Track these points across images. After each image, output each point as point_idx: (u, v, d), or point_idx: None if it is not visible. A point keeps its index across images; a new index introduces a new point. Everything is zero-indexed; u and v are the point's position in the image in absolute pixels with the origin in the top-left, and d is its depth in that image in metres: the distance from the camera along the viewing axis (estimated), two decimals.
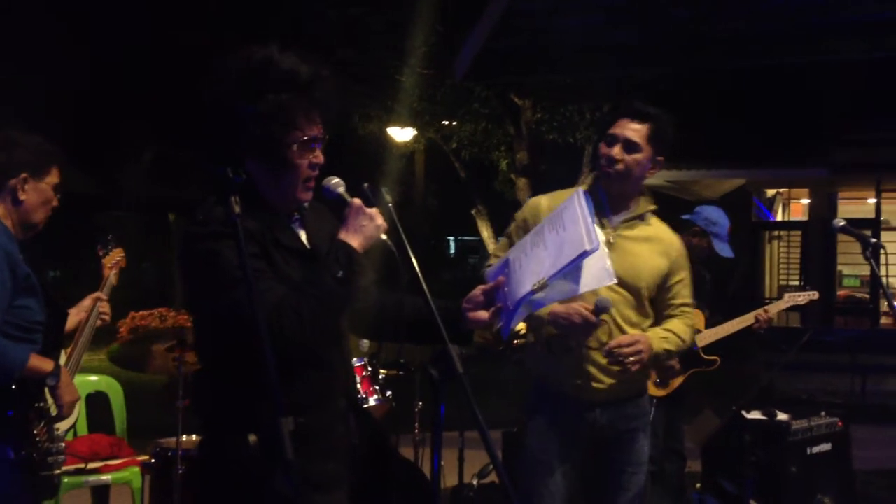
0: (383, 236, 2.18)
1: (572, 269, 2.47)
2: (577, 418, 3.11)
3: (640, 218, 3.18)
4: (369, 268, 2.30)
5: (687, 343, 3.24)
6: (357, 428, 2.31)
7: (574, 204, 2.59)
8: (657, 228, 3.23)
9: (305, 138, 2.15)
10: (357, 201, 2.19)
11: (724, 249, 4.85)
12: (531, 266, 2.52)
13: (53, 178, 2.94)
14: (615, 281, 2.65)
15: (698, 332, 4.83)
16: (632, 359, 2.97)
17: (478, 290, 2.44)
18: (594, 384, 3.10)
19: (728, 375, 5.20)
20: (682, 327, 3.22)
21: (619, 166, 3.06)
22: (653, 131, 3.08)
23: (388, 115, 14.51)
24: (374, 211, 2.17)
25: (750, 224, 16.53)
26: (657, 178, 16.10)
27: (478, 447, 5.12)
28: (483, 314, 2.40)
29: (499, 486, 5.21)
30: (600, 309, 2.87)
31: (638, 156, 3.07)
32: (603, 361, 3.06)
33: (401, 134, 15.11)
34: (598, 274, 2.52)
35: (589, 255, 2.44)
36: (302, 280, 2.08)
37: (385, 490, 4.00)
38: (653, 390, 4.75)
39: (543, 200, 3.20)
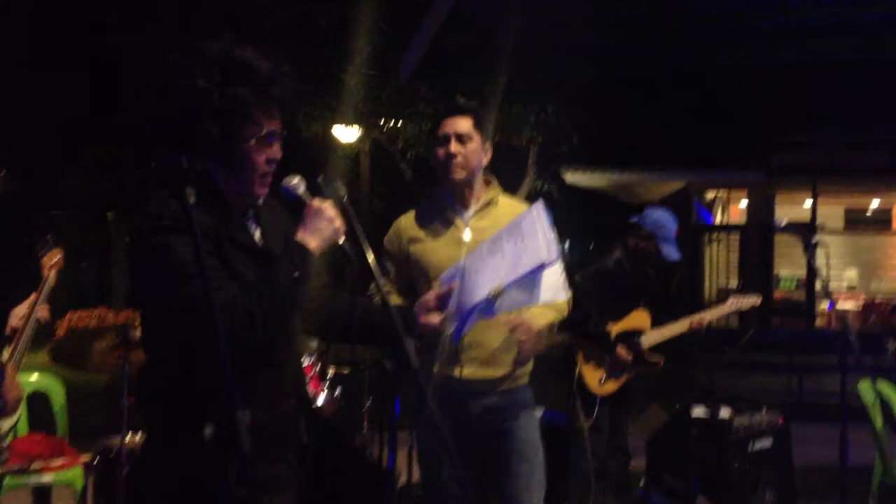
0: (341, 240, 2.17)
1: (529, 280, 2.50)
2: (453, 408, 3.14)
3: (490, 204, 3.34)
4: (323, 269, 2.29)
5: (565, 312, 3.33)
6: (307, 428, 2.29)
7: (533, 215, 2.63)
8: (509, 208, 3.36)
9: (263, 133, 2.12)
10: (317, 202, 2.17)
11: (671, 252, 4.92)
12: (487, 273, 2.55)
13: None
14: (568, 296, 2.70)
15: (642, 333, 4.90)
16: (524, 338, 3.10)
17: (431, 295, 2.47)
18: (463, 374, 3.19)
19: (671, 375, 5.28)
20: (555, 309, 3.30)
21: (459, 159, 3.25)
22: (477, 120, 3.29)
23: (332, 115, 14.42)
24: (333, 213, 2.16)
25: (690, 226, 16.82)
26: (601, 181, 16.40)
27: None
28: (435, 318, 2.43)
29: None
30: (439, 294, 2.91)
31: (471, 145, 3.27)
32: (471, 353, 3.17)
33: (346, 134, 15.02)
34: (553, 288, 2.56)
35: (547, 267, 2.48)
36: (256, 279, 2.06)
37: (338, 489, 3.97)
38: (597, 388, 4.81)
39: (402, 221, 3.42)
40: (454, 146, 3.26)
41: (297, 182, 2.22)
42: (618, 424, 4.95)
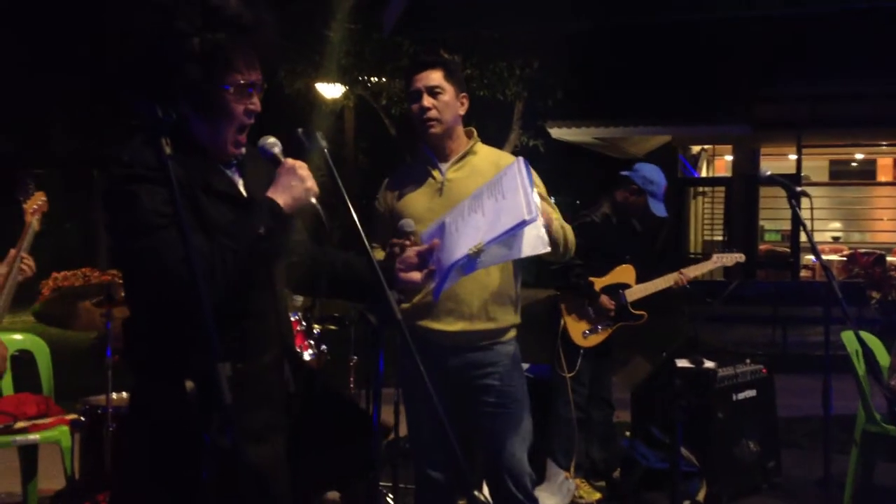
0: (313, 200, 2.15)
1: (509, 237, 2.49)
2: (432, 362, 3.14)
3: (468, 154, 3.33)
4: (298, 225, 2.26)
5: (570, 240, 3.30)
6: (293, 376, 2.28)
7: (514, 171, 2.61)
8: (487, 156, 3.36)
9: (243, 82, 2.09)
10: (290, 161, 2.14)
11: (658, 209, 4.93)
12: (468, 231, 2.54)
13: None
14: (549, 249, 2.68)
15: (629, 286, 4.92)
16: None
17: (412, 252, 2.46)
18: (444, 327, 3.21)
19: (655, 328, 5.31)
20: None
21: (433, 113, 3.24)
22: (447, 72, 3.27)
23: (315, 71, 14.28)
24: (306, 173, 2.13)
25: (675, 181, 16.84)
26: (586, 136, 16.36)
27: None
28: (416, 275, 2.43)
29: None
30: (404, 233, 2.90)
31: (444, 97, 3.25)
32: (449, 305, 3.17)
33: (330, 90, 14.90)
34: (533, 242, 2.55)
35: (528, 224, 2.47)
36: (223, 232, 2.04)
37: (325, 436, 3.98)
38: (580, 341, 4.84)
39: (387, 181, 3.42)
40: (427, 100, 3.23)
41: (272, 141, 2.19)
42: (601, 376, 4.99)
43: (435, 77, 3.24)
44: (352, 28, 13.29)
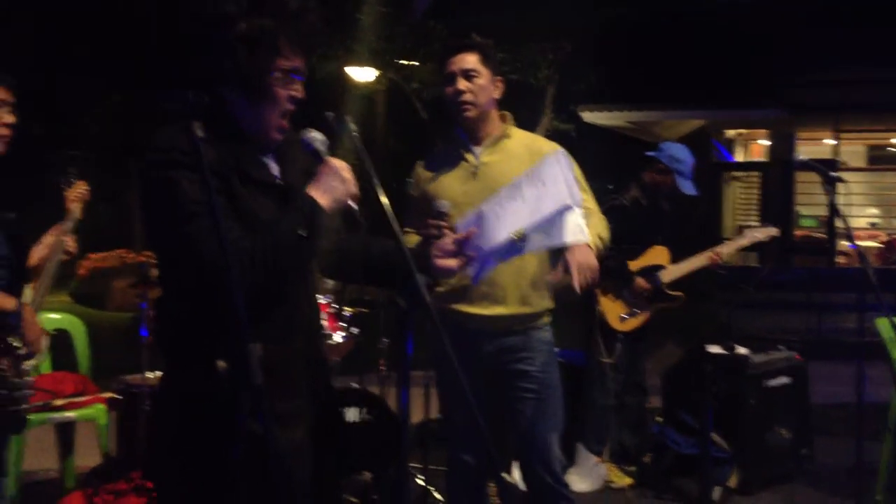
0: (352, 203, 2.15)
1: (550, 223, 2.50)
2: (465, 347, 3.15)
3: (502, 138, 3.32)
4: (335, 214, 2.27)
5: (605, 233, 3.28)
6: (316, 366, 2.30)
7: (553, 161, 2.60)
8: (521, 140, 3.34)
9: (287, 68, 2.10)
10: (334, 162, 2.15)
11: (687, 187, 4.89)
12: (507, 218, 2.54)
13: None
14: (588, 239, 2.68)
15: (663, 268, 4.89)
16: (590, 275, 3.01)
17: (448, 239, 2.45)
18: (478, 311, 3.21)
19: (689, 313, 5.28)
20: (595, 222, 3.25)
21: (468, 96, 3.22)
22: (483, 55, 3.25)
23: (347, 54, 14.28)
24: (349, 175, 2.14)
25: (709, 165, 16.68)
26: (618, 120, 16.24)
27: None
28: (452, 262, 2.41)
29: None
30: (438, 213, 2.90)
31: (479, 80, 3.23)
32: (482, 289, 3.17)
33: (361, 74, 14.89)
34: (574, 230, 2.55)
35: (569, 209, 2.47)
36: (263, 224, 2.05)
37: (344, 427, 4.03)
38: (618, 326, 4.82)
39: (418, 165, 3.43)
40: (462, 83, 3.21)
41: (315, 136, 2.19)
42: (635, 361, 4.97)
43: (470, 60, 3.22)
44: (384, 11, 13.26)
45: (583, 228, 2.59)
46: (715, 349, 4.87)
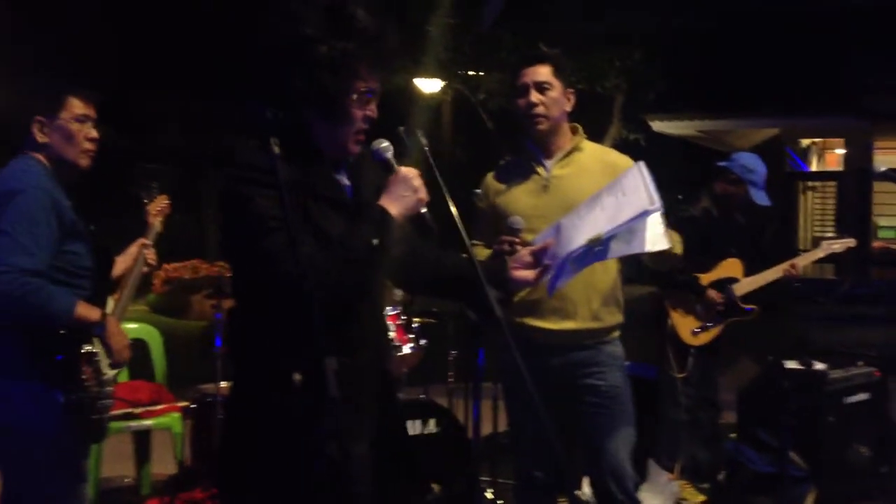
0: (423, 209, 2.17)
1: (630, 230, 2.47)
2: (534, 361, 3.10)
3: (574, 151, 3.27)
4: (406, 225, 2.28)
5: (678, 253, 3.28)
6: (383, 380, 2.31)
7: (635, 172, 2.60)
8: (593, 153, 3.30)
9: (364, 89, 2.14)
10: (404, 170, 2.17)
11: (760, 197, 4.79)
12: (585, 226, 2.52)
13: (71, 111, 2.91)
14: (669, 246, 2.65)
15: (737, 280, 4.80)
16: None
17: (525, 251, 2.46)
18: (549, 325, 3.17)
19: (763, 327, 5.16)
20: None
21: (540, 109, 3.19)
22: (556, 67, 3.22)
23: (414, 66, 14.37)
24: (419, 183, 2.16)
25: (783, 175, 16.32)
26: (689, 129, 16.01)
27: None
28: (529, 273, 2.41)
29: None
30: (512, 230, 2.87)
31: (552, 93, 3.21)
32: (552, 303, 3.14)
33: (428, 85, 14.97)
34: (654, 238, 2.52)
35: (650, 214, 2.45)
36: (336, 239, 2.07)
37: (409, 444, 4.02)
38: (690, 340, 4.74)
39: (488, 177, 3.40)
40: (534, 95, 3.19)
41: (386, 146, 2.22)
42: (708, 376, 4.88)
43: (543, 72, 3.21)
44: (451, 22, 13.31)
45: (663, 236, 2.56)
46: (792, 365, 4.75)
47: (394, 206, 2.12)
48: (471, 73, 14.79)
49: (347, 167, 2.25)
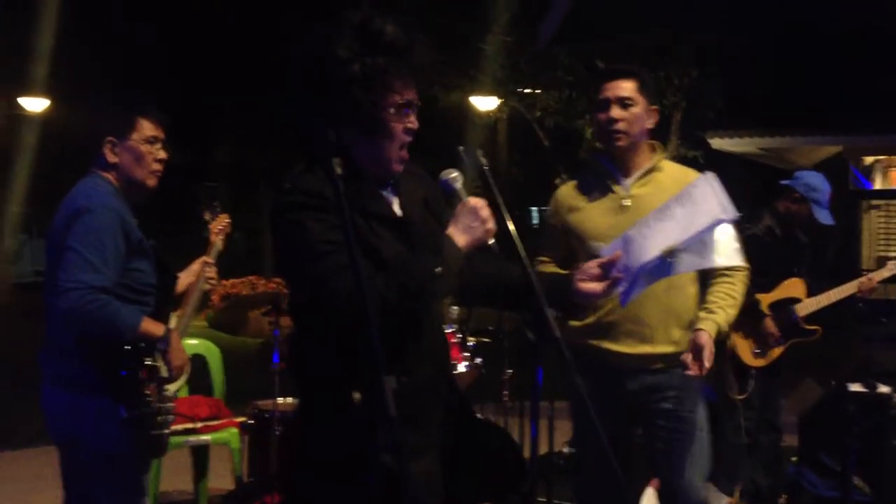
0: (491, 240, 2.17)
1: (703, 242, 2.45)
2: (608, 384, 3.08)
3: (653, 170, 3.19)
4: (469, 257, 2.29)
5: (738, 299, 3.22)
6: (448, 395, 2.31)
7: (704, 182, 2.57)
8: (672, 173, 3.21)
9: (401, 102, 2.15)
10: (472, 201, 2.17)
11: (824, 216, 4.73)
12: (656, 237, 2.50)
13: (142, 132, 2.97)
14: (743, 262, 2.60)
15: (799, 300, 4.71)
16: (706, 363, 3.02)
17: (593, 263, 2.43)
18: (625, 349, 3.10)
19: (826, 348, 5.05)
20: (728, 290, 3.19)
21: (621, 125, 3.11)
22: (640, 84, 3.15)
23: (470, 84, 14.43)
24: (487, 214, 2.16)
25: (847, 193, 15.99)
26: (750, 146, 15.78)
27: (568, 417, 5.10)
28: (597, 286, 2.38)
29: None
30: (591, 256, 2.83)
31: (635, 109, 3.13)
32: (629, 326, 3.08)
33: (483, 103, 15.01)
34: (728, 252, 2.49)
35: (724, 222, 2.43)
36: (396, 263, 2.09)
37: (474, 456, 4.01)
38: (751, 361, 4.65)
39: (561, 190, 3.33)
40: (616, 111, 3.11)
41: (455, 176, 2.22)
42: (770, 399, 4.78)
43: (627, 87, 3.13)
44: (507, 40, 13.34)
45: (737, 250, 2.51)
46: (856, 387, 4.64)
47: (461, 236, 2.13)
48: (527, 90, 14.79)
49: (394, 184, 2.26)
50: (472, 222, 2.14)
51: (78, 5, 14.00)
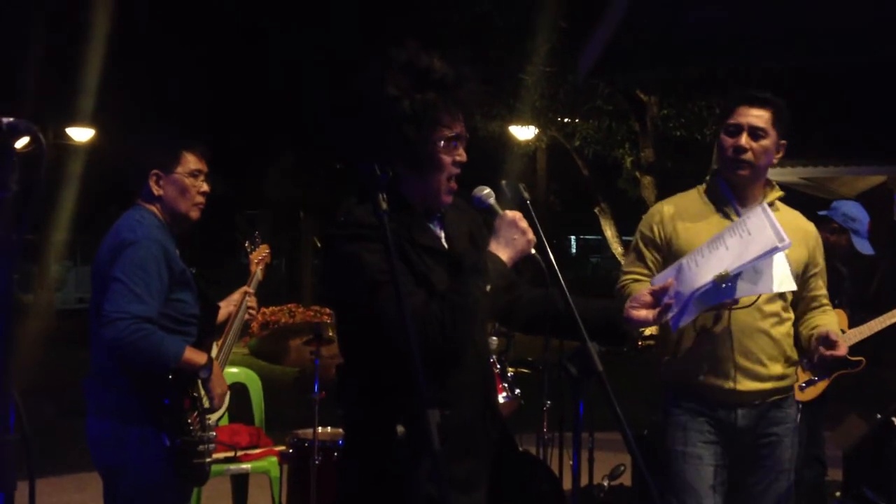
0: (532, 250, 2.19)
1: (756, 270, 2.45)
2: (717, 418, 3.02)
3: (770, 207, 3.06)
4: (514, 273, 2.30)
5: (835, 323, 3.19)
6: (493, 427, 2.31)
7: (759, 212, 2.58)
8: (789, 217, 3.13)
9: (450, 135, 2.18)
10: (509, 214, 2.20)
11: (863, 246, 4.67)
12: (710, 265, 2.50)
13: (186, 166, 3.04)
14: (794, 288, 2.57)
15: (843, 332, 4.64)
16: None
17: (645, 291, 2.43)
18: (735, 385, 3.00)
19: (872, 379, 4.96)
20: (832, 321, 3.15)
21: (748, 155, 2.98)
22: (775, 115, 3.03)
23: (510, 113, 14.49)
24: (525, 225, 2.18)
25: (890, 223, 15.75)
26: (791, 175, 15.60)
27: (607, 448, 5.05)
28: (647, 313, 2.37)
29: (629, 488, 5.13)
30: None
31: (765, 142, 3.00)
32: (745, 363, 2.98)
33: (523, 132, 15.06)
34: (782, 278, 2.47)
35: (779, 251, 2.43)
36: (448, 288, 2.11)
37: (521, 490, 3.99)
38: (798, 395, 4.57)
39: (665, 207, 3.16)
40: (745, 139, 2.97)
41: (487, 192, 2.25)
42: (815, 432, 4.70)
43: (763, 117, 3.00)
44: (547, 71, 13.40)
45: (789, 277, 2.49)
46: None
47: (504, 250, 2.15)
48: (566, 119, 14.82)
49: (440, 217, 2.29)
50: (512, 235, 2.17)
51: (127, 37, 14.33)
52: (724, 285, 2.43)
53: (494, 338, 4.59)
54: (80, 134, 16.30)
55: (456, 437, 2.08)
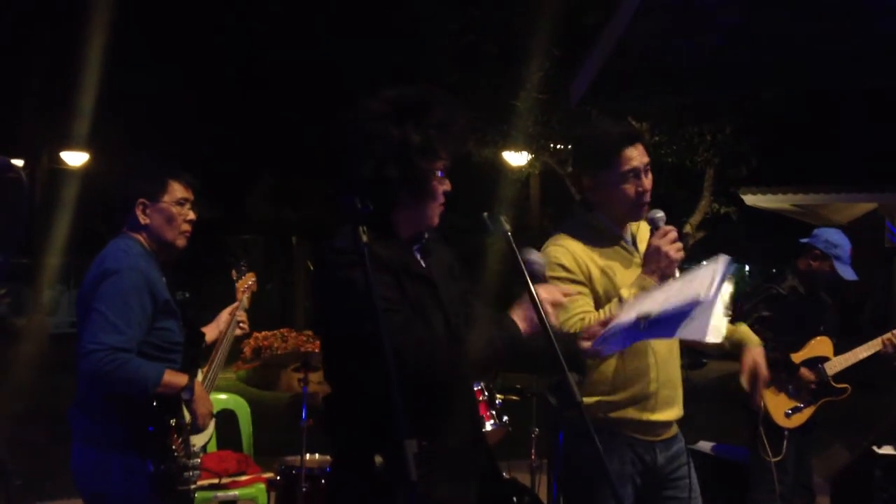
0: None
1: (692, 318, 2.45)
2: (642, 458, 2.92)
3: (637, 230, 3.10)
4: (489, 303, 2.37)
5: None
6: (479, 454, 2.34)
7: (718, 262, 2.54)
8: (647, 234, 3.04)
9: (442, 168, 2.30)
10: (544, 293, 2.24)
11: (846, 272, 4.68)
12: (645, 302, 2.53)
13: (173, 194, 3.08)
14: (718, 340, 2.55)
15: (827, 359, 4.67)
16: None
17: (596, 324, 2.53)
18: (656, 417, 2.93)
19: (858, 406, 4.98)
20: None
21: (647, 197, 2.92)
22: (643, 144, 2.99)
23: (503, 139, 14.57)
24: (557, 302, 2.29)
25: (882, 250, 15.83)
26: (782, 203, 15.71)
27: None
28: (587, 343, 2.47)
29: None
30: (653, 219, 2.85)
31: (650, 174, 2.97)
32: (665, 393, 2.91)
33: (516, 158, 15.14)
34: (716, 329, 2.44)
35: (699, 305, 2.42)
36: (496, 325, 2.23)
37: None
38: (784, 422, 4.59)
39: (573, 246, 2.98)
40: (649, 181, 2.88)
41: (540, 259, 2.42)
42: (803, 460, 4.71)
43: (642, 150, 2.90)
44: (540, 97, 13.49)
45: (713, 328, 2.44)
46: (886, 450, 4.56)
47: (525, 323, 2.25)
48: (559, 145, 14.90)
49: (422, 247, 2.36)
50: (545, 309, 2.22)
51: (119, 63, 14.40)
52: (642, 325, 2.41)
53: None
54: (75, 158, 16.34)
55: (444, 463, 2.12)
